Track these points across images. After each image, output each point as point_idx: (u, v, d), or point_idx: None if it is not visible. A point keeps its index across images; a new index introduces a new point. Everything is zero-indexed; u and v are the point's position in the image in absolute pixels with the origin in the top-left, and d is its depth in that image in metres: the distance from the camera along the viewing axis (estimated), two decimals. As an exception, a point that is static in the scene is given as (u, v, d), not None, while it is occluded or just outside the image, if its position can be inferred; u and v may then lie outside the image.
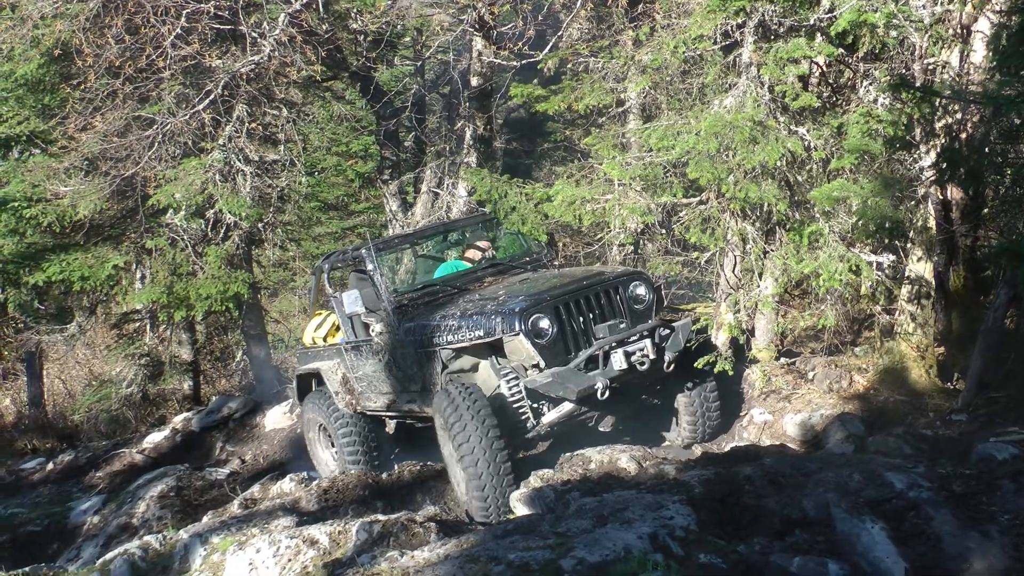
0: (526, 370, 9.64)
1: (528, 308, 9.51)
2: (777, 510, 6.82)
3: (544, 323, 9.50)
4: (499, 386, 9.75)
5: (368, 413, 11.87)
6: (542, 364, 9.49)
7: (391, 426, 11.98)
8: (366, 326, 11.26)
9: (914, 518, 6.24)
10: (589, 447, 9.94)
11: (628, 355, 9.53)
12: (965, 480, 6.75)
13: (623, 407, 10.27)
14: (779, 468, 7.51)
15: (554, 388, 9.38)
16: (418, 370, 10.59)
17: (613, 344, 9.58)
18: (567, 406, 9.71)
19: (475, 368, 10.19)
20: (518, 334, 9.40)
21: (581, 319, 9.75)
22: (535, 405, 9.77)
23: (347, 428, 11.90)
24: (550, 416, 9.82)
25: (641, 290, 10.18)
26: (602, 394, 9.34)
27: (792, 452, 9.80)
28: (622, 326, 9.81)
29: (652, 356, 9.65)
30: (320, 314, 13.11)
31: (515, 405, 9.74)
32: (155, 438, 16.82)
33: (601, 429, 10.38)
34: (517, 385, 9.60)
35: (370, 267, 11.04)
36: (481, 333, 9.72)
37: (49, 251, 16.21)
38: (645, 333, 9.77)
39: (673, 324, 10.11)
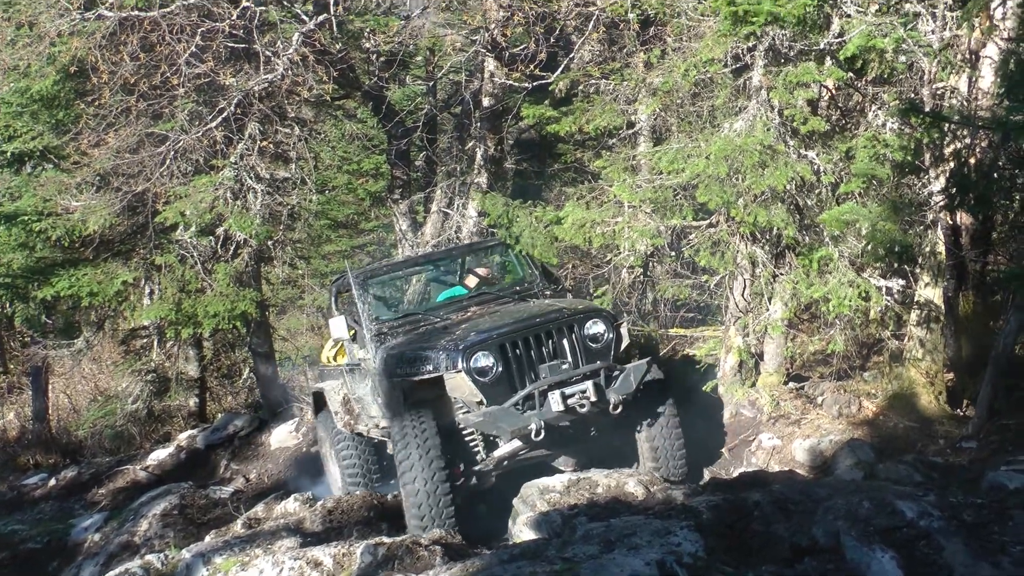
0: (476, 405, 9.63)
1: (472, 346, 9.51)
2: (786, 537, 6.79)
3: (487, 361, 9.48)
4: (455, 419, 9.81)
5: (363, 434, 11.91)
6: (484, 401, 9.48)
7: (391, 446, 11.99)
8: (352, 351, 11.33)
9: (925, 547, 6.20)
10: (595, 471, 9.91)
11: (565, 397, 9.37)
12: (976, 509, 6.71)
13: (582, 447, 10.24)
14: (788, 494, 7.48)
15: (487, 426, 9.41)
16: (389, 398, 10.62)
17: (551, 385, 9.47)
18: (515, 443, 9.69)
19: (436, 399, 10.15)
20: (460, 371, 9.42)
21: (531, 356, 9.67)
22: (491, 439, 9.81)
23: (347, 448, 11.93)
24: (499, 451, 9.83)
25: (598, 328, 9.97)
26: (536, 435, 9.27)
27: (801, 478, 9.76)
28: (564, 367, 9.66)
29: (593, 399, 9.45)
30: (335, 332, 13.15)
31: (468, 439, 9.86)
32: (159, 455, 16.80)
33: (562, 469, 10.33)
34: (462, 422, 9.64)
35: (355, 293, 11.09)
36: (431, 368, 9.72)
37: (58, 266, 16.22)
38: (587, 374, 9.65)
39: (625, 366, 9.89)
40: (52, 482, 17.25)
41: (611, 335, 10.02)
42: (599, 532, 7.00)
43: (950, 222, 10.74)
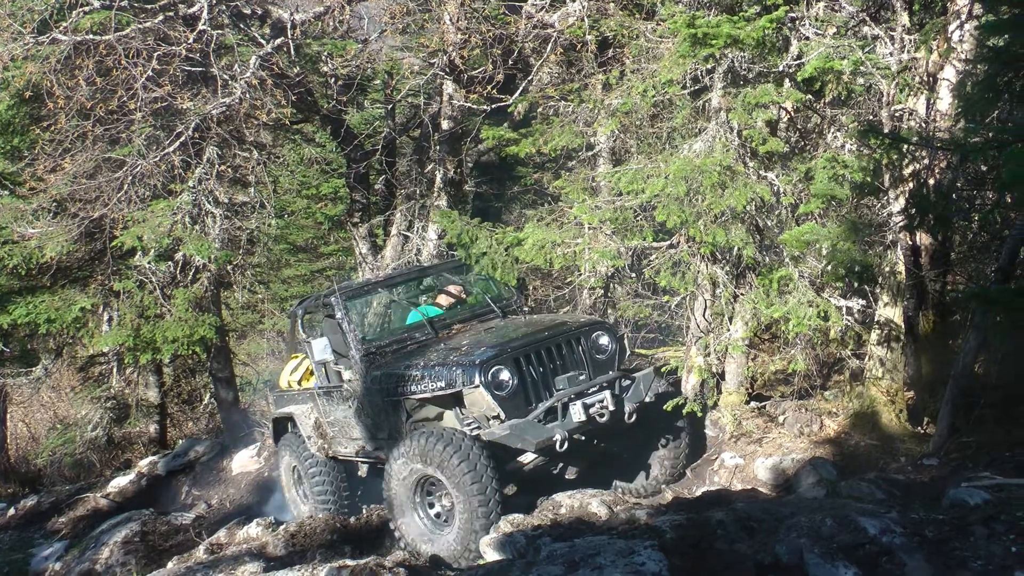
0: (488, 420, 9.64)
1: (489, 360, 9.54)
2: (750, 555, 6.78)
3: (504, 375, 9.54)
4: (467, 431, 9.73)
5: (340, 458, 11.84)
6: (502, 415, 9.50)
7: (363, 469, 11.96)
8: (338, 372, 11.23)
9: (887, 564, 6.21)
10: (559, 493, 9.90)
11: (587, 407, 9.56)
12: (938, 525, 6.73)
13: (591, 456, 10.28)
14: (751, 513, 7.48)
15: (512, 440, 9.37)
16: (385, 418, 10.58)
17: (572, 396, 9.59)
18: (532, 455, 9.72)
19: (439, 417, 10.20)
20: (478, 386, 9.46)
21: (542, 370, 9.77)
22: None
23: (318, 472, 11.88)
24: (523, 461, 9.82)
25: (604, 340, 10.25)
26: (560, 446, 9.34)
27: (764, 496, 9.79)
28: (581, 378, 9.87)
29: (611, 408, 9.68)
30: (296, 357, 13.05)
31: None
32: (120, 482, 16.64)
33: (567, 477, 10.37)
34: (480, 436, 9.56)
35: (338, 315, 11.00)
36: (443, 384, 9.76)
37: (15, 293, 16.06)
38: (604, 385, 9.81)
39: (634, 375, 10.13)
40: (11, 511, 17.06)
41: (615, 346, 10.30)
42: (563, 553, 6.98)
43: (910, 242, 10.80)
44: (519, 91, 13.85)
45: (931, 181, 10.30)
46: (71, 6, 13.12)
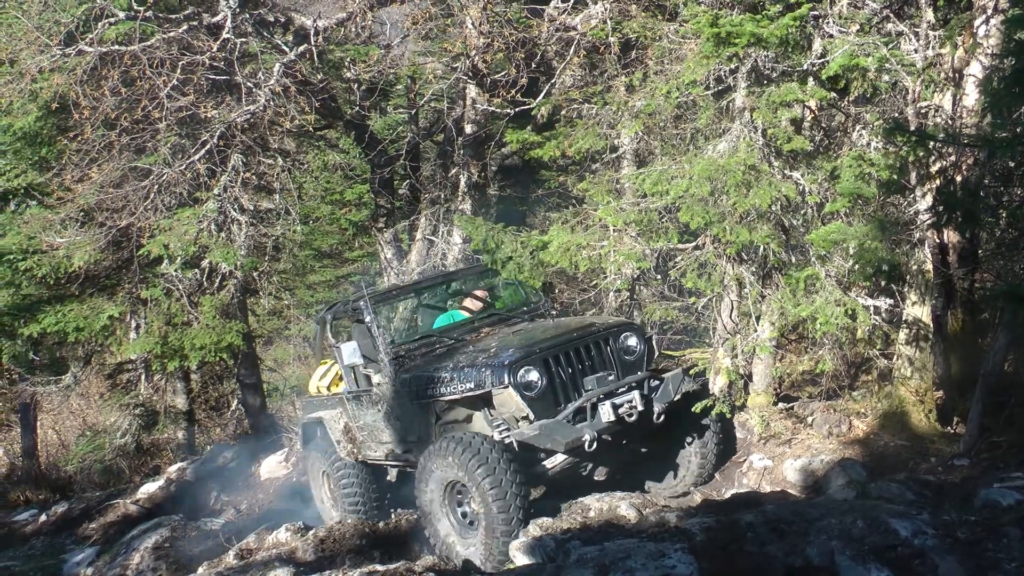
0: (517, 421, 9.64)
1: (517, 361, 9.55)
2: (780, 558, 6.75)
3: (533, 376, 9.54)
4: (492, 437, 9.72)
5: (369, 462, 11.86)
6: (531, 416, 9.50)
7: (393, 474, 11.97)
8: (367, 376, 11.25)
9: (919, 566, 6.18)
10: (588, 496, 9.90)
11: (616, 407, 9.56)
12: (970, 527, 6.69)
13: (619, 456, 10.27)
14: (781, 515, 7.45)
15: (542, 440, 9.38)
16: (414, 421, 10.59)
17: (601, 396, 9.59)
18: (561, 456, 9.71)
19: (468, 419, 10.21)
20: (507, 387, 9.45)
21: (571, 371, 9.76)
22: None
23: (348, 476, 11.91)
24: (551, 463, 9.83)
25: (632, 341, 10.23)
26: (590, 446, 9.34)
27: (793, 498, 9.75)
28: (610, 378, 9.87)
29: (640, 408, 9.69)
30: (325, 363, 13.09)
31: None
32: (149, 488, 16.70)
33: (596, 479, 10.36)
34: (509, 437, 9.55)
35: (367, 319, 11.04)
36: (472, 385, 9.76)
37: (44, 302, 16.18)
38: (633, 385, 9.82)
39: (663, 375, 10.13)
40: (43, 518, 17.16)
41: (643, 347, 10.29)
42: (593, 556, 6.97)
43: (937, 240, 10.72)
44: (542, 94, 13.84)
45: (958, 178, 10.24)
46: (96, 18, 13.18)
